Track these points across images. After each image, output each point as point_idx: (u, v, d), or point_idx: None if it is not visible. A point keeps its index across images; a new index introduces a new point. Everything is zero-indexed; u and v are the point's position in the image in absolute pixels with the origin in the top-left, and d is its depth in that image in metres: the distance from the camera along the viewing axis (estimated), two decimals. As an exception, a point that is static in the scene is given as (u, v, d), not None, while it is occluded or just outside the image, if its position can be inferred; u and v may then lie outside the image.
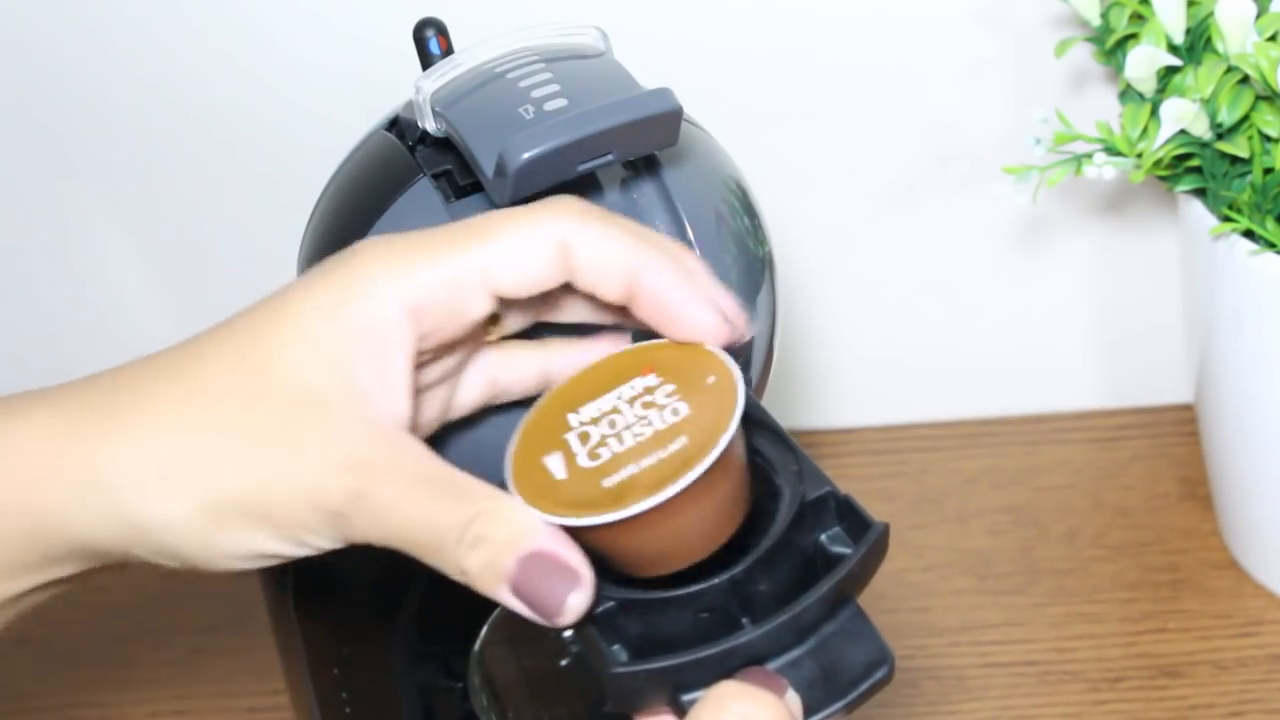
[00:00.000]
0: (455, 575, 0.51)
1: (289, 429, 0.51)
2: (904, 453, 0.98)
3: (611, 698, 0.51)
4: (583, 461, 0.52)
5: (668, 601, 0.51)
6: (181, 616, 0.92)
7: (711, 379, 0.53)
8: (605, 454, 0.52)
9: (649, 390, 0.54)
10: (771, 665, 0.51)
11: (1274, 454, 0.85)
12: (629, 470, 0.52)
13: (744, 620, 0.52)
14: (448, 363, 0.56)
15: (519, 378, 0.58)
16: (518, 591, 0.50)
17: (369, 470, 0.51)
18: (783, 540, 0.52)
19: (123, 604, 0.92)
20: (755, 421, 0.56)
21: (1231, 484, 0.90)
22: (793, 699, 0.50)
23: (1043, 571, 0.91)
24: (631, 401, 0.54)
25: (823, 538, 0.54)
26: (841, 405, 0.99)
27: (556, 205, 0.54)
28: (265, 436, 0.51)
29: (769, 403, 0.66)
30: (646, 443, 0.52)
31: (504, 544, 0.50)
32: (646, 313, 0.54)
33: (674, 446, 0.52)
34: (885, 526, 0.52)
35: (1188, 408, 0.96)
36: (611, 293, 0.54)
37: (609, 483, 0.51)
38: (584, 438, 0.53)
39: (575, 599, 0.50)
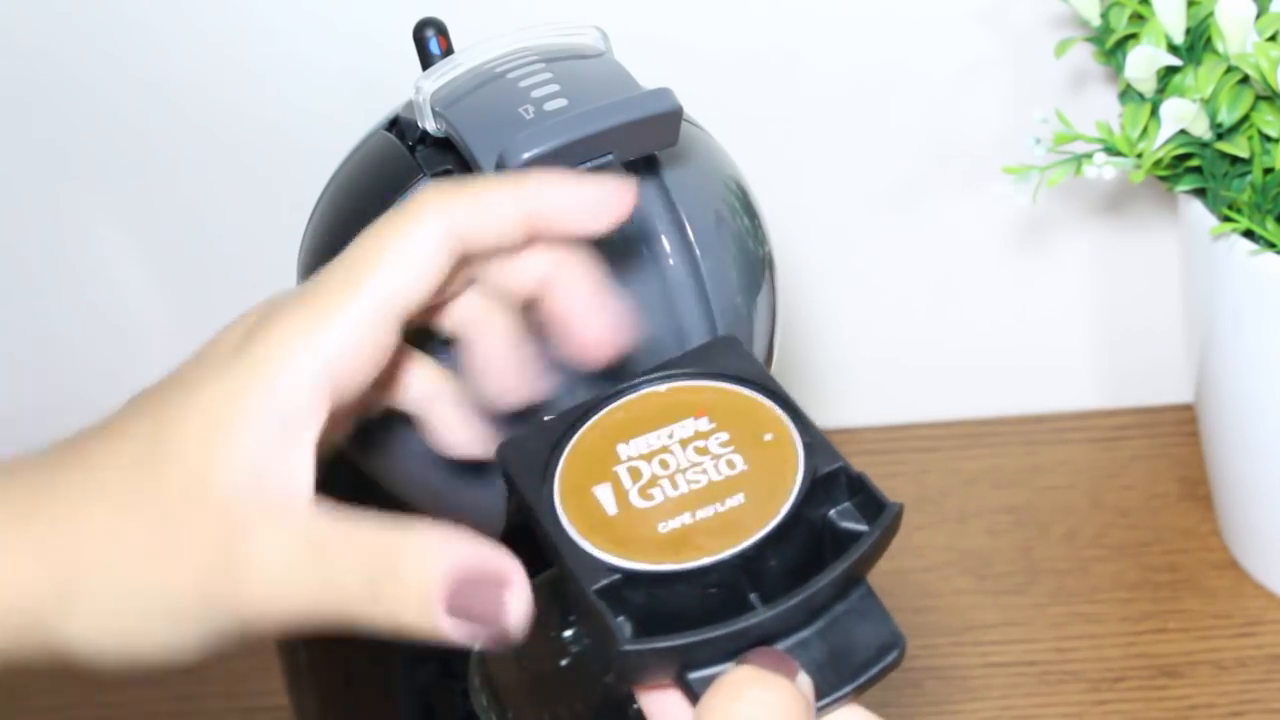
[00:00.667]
0: (393, 630, 0.50)
1: (192, 531, 0.51)
2: (904, 453, 0.98)
3: (616, 673, 0.50)
4: (635, 499, 0.52)
5: (675, 575, 0.51)
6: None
7: (769, 436, 0.53)
8: (658, 496, 0.52)
9: (701, 435, 0.54)
10: (781, 645, 0.51)
11: (1274, 454, 0.85)
12: (684, 519, 0.51)
13: (752, 596, 0.51)
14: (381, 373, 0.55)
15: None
16: (456, 615, 0.49)
17: (267, 565, 0.50)
18: (793, 516, 0.52)
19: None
20: (767, 390, 0.55)
21: (1231, 484, 0.90)
22: (804, 682, 0.49)
23: (1043, 571, 0.91)
24: (684, 444, 0.54)
25: (832, 513, 0.53)
26: (841, 405, 0.99)
27: (428, 198, 0.52)
28: (166, 543, 0.51)
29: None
30: (701, 493, 0.52)
31: (420, 579, 0.49)
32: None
33: (731, 503, 0.52)
34: (900, 507, 0.52)
35: (1188, 408, 0.96)
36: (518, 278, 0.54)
37: (664, 528, 0.51)
38: (634, 473, 0.53)
39: (513, 598, 0.50)
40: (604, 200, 0.53)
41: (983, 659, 0.88)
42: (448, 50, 0.65)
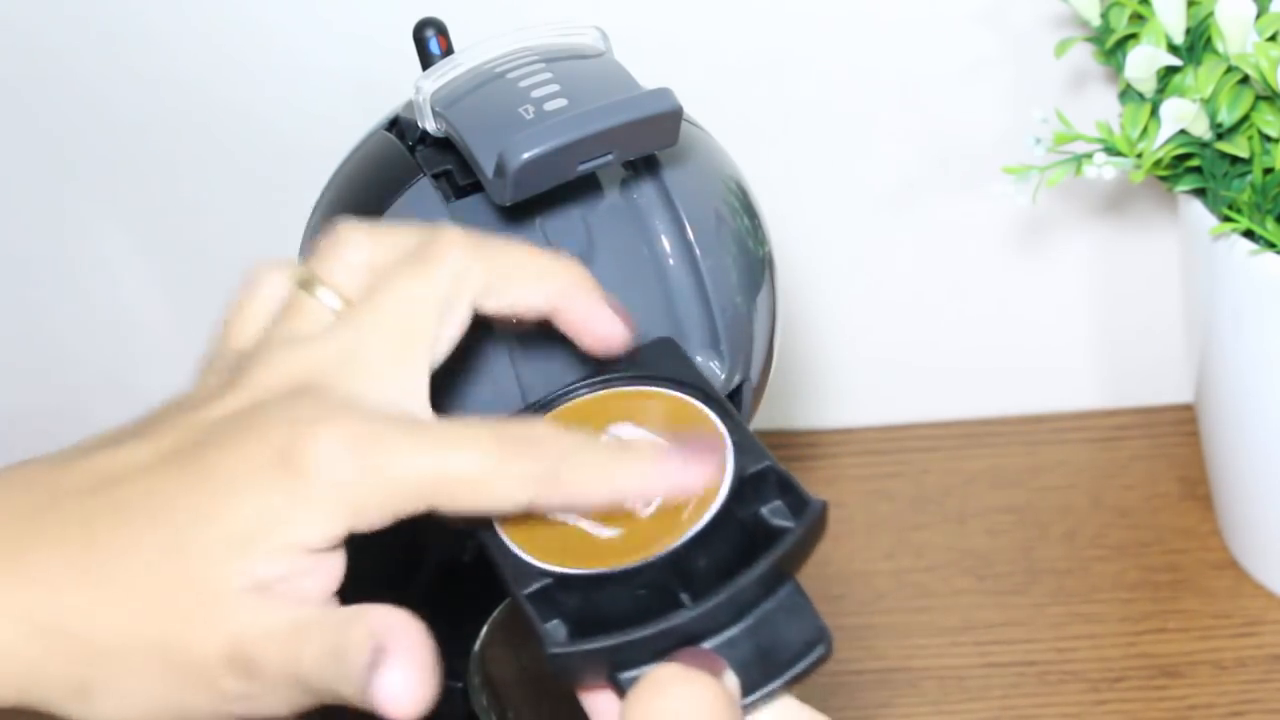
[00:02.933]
0: (361, 704, 0.51)
1: (207, 645, 0.51)
2: (904, 453, 0.98)
3: (551, 675, 0.51)
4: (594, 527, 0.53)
5: (605, 578, 0.52)
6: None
7: (655, 404, 0.55)
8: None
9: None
10: (709, 644, 0.51)
11: (1274, 454, 0.85)
12: (619, 523, 0.52)
13: (683, 595, 0.52)
14: None
15: None
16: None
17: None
18: (721, 515, 0.52)
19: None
20: (698, 391, 0.56)
21: (1231, 484, 0.90)
22: (731, 680, 0.50)
23: (1043, 571, 0.91)
24: None
25: (763, 510, 0.53)
26: (841, 405, 0.99)
27: (467, 277, 0.53)
28: (185, 655, 0.51)
29: (769, 403, 0.66)
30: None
31: (359, 655, 0.50)
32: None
33: (653, 505, 0.52)
34: (823, 504, 0.52)
35: (1188, 408, 0.96)
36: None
37: (602, 534, 0.52)
38: None
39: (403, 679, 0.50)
40: (613, 335, 0.55)
41: (983, 659, 0.88)
42: (448, 50, 0.65)
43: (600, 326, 0.55)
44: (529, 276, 0.54)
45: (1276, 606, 0.89)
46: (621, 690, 0.50)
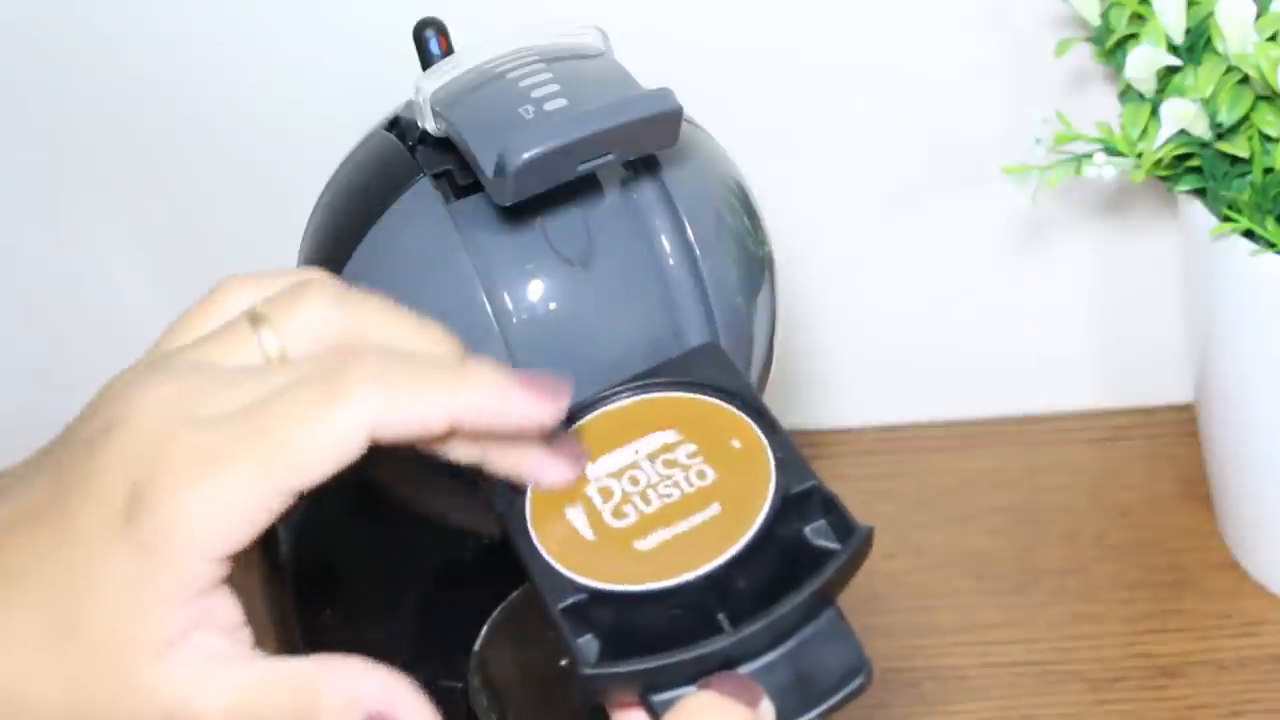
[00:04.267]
0: None
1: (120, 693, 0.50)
2: (904, 453, 0.98)
3: (580, 694, 0.50)
4: (609, 520, 0.52)
5: (642, 596, 0.51)
6: (181, 616, 0.92)
7: (736, 443, 0.54)
8: (632, 514, 0.53)
9: (668, 448, 0.54)
10: (746, 668, 0.50)
11: (1274, 454, 0.85)
12: (660, 535, 0.52)
13: (720, 616, 0.51)
14: None
15: None
16: None
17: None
18: (763, 534, 0.52)
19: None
20: (741, 401, 0.56)
21: (1231, 484, 0.90)
22: (767, 709, 0.49)
23: (1043, 571, 0.91)
24: (651, 458, 0.54)
25: (806, 530, 0.53)
26: (841, 405, 0.99)
27: (361, 390, 0.50)
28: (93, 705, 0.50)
29: (769, 403, 0.66)
30: (675, 506, 0.52)
31: (339, 712, 0.50)
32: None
33: (707, 514, 0.52)
34: (869, 530, 0.52)
35: (1188, 408, 0.96)
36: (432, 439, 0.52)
37: (642, 546, 0.52)
38: (605, 493, 0.53)
39: None
40: (534, 413, 0.51)
41: (983, 659, 0.88)
42: (448, 50, 0.65)
43: (513, 420, 0.51)
44: (428, 405, 0.50)
45: (1276, 606, 0.89)
46: (653, 710, 0.50)
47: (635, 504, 0.53)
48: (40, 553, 0.50)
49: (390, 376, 0.49)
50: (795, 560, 0.52)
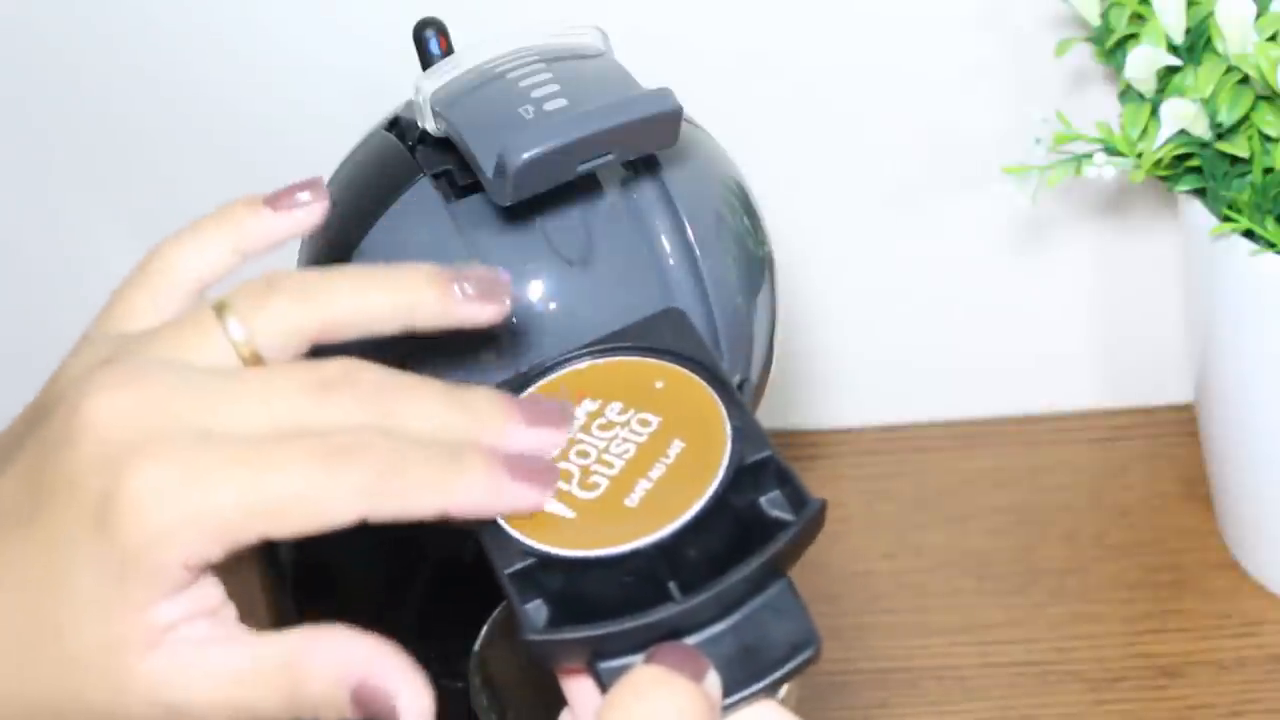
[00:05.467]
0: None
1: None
2: (904, 453, 0.98)
3: (528, 658, 0.50)
4: (583, 495, 0.52)
5: (591, 562, 0.50)
6: (181, 616, 0.92)
7: (660, 383, 0.53)
8: (603, 481, 0.52)
9: (595, 415, 0.53)
10: (694, 639, 0.50)
11: (1274, 454, 0.85)
12: (643, 485, 0.51)
13: (671, 585, 0.50)
14: None
15: None
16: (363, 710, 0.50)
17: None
18: (716, 503, 0.51)
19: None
20: (700, 365, 0.55)
21: (1231, 484, 0.90)
22: (712, 681, 0.49)
23: (1043, 571, 0.91)
24: (586, 430, 0.53)
25: (761, 500, 0.52)
26: (841, 405, 0.99)
27: (354, 475, 0.49)
28: None
29: (769, 403, 0.66)
30: (640, 457, 0.52)
31: (327, 683, 0.50)
32: None
33: (674, 450, 0.52)
34: (822, 503, 0.51)
35: (1188, 408, 0.96)
36: None
37: (632, 501, 0.51)
38: (565, 476, 0.52)
39: (404, 706, 0.50)
40: (526, 502, 0.51)
41: (983, 659, 0.88)
42: (448, 50, 0.65)
43: (504, 509, 0.51)
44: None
45: (1276, 606, 0.89)
46: (600, 678, 0.50)
47: (599, 472, 0.52)
48: (14, 558, 0.50)
49: (390, 474, 0.49)
50: (747, 530, 0.51)
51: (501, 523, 0.51)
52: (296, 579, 0.71)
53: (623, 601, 0.50)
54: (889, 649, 0.88)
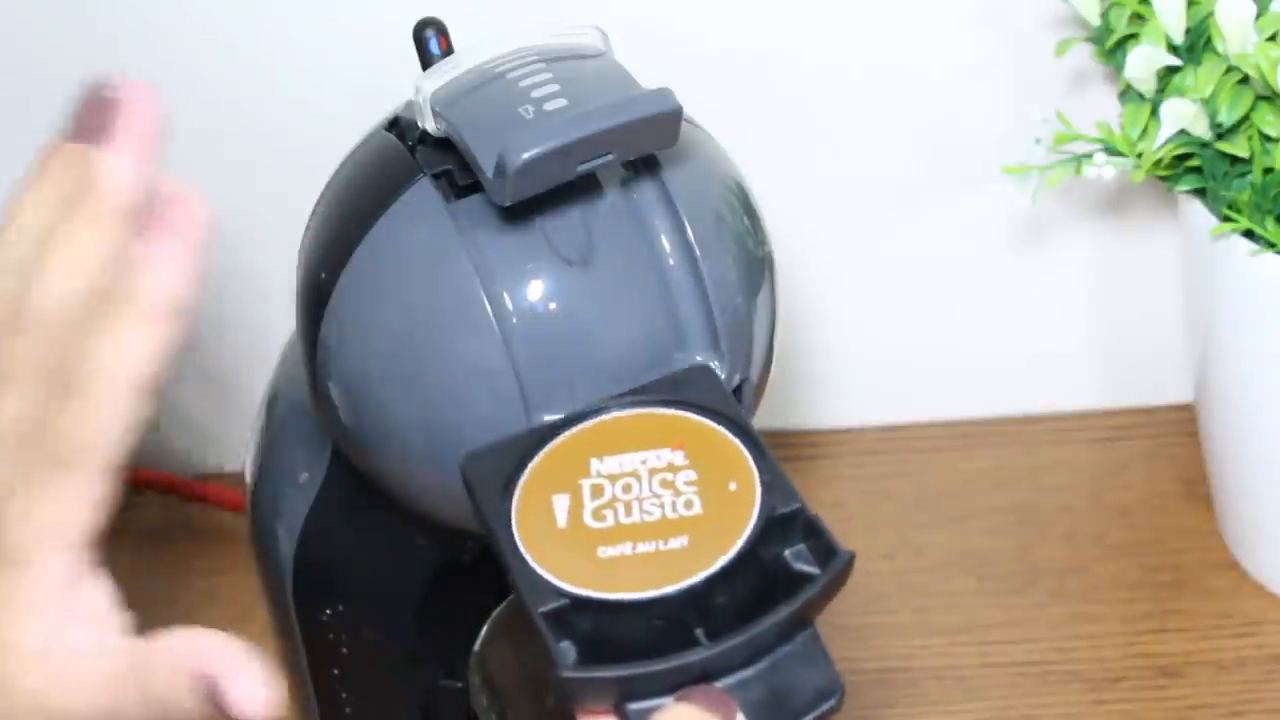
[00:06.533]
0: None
1: None
2: (904, 453, 0.98)
3: (557, 697, 0.51)
4: (587, 518, 0.54)
5: (622, 605, 0.52)
6: (181, 616, 0.91)
7: (733, 485, 0.55)
8: (609, 519, 0.54)
9: (673, 468, 0.55)
10: (721, 683, 0.51)
11: (1274, 454, 0.85)
12: (623, 548, 0.53)
13: (698, 631, 0.52)
14: None
15: None
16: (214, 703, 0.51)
17: None
18: (744, 554, 0.53)
19: (123, 604, 0.92)
20: (737, 426, 0.56)
21: (1231, 484, 0.90)
22: None
23: (1043, 571, 0.91)
24: (652, 473, 0.55)
25: (786, 554, 0.54)
26: (841, 405, 0.99)
27: None
28: None
29: (769, 403, 0.66)
30: (651, 526, 0.54)
31: (171, 681, 0.52)
32: None
33: (673, 544, 0.53)
34: (850, 556, 0.52)
35: (1188, 408, 0.96)
36: None
37: (603, 554, 0.53)
38: (596, 491, 0.54)
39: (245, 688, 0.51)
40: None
41: (983, 659, 0.88)
42: (448, 50, 0.65)
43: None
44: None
45: (1276, 606, 0.89)
46: (626, 717, 0.51)
47: (617, 511, 0.54)
48: None
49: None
50: (774, 581, 0.53)
51: (534, 564, 0.53)
52: (296, 579, 0.71)
53: (650, 645, 0.51)
54: (889, 649, 0.88)
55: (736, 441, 0.56)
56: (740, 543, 0.53)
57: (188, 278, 0.53)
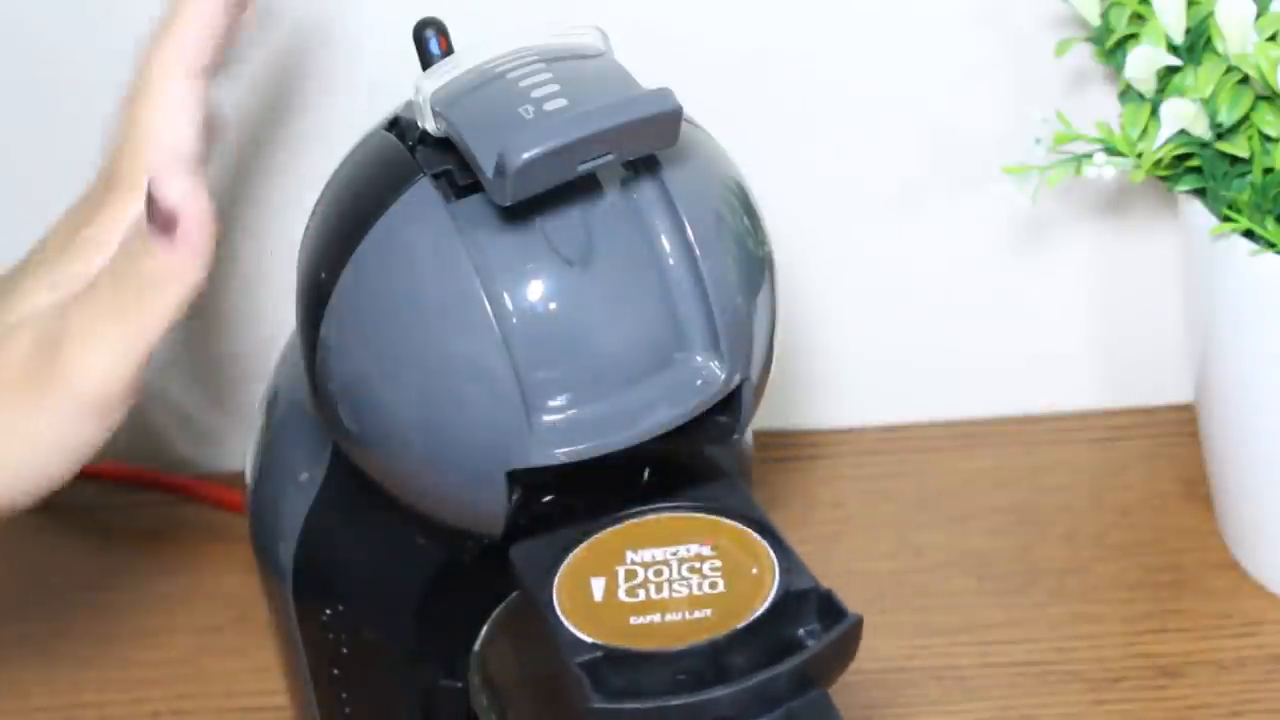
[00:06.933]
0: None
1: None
2: (904, 453, 0.98)
3: None
4: (621, 594, 0.59)
5: (650, 656, 0.57)
6: (181, 616, 0.92)
7: (755, 570, 0.60)
8: (641, 595, 0.59)
9: (700, 559, 0.61)
10: None
11: (1274, 454, 0.85)
12: (653, 618, 0.58)
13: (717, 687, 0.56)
14: None
15: None
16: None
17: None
18: (764, 620, 0.58)
19: (122, 604, 0.92)
20: (758, 524, 0.62)
21: (1231, 484, 0.90)
22: None
23: (1043, 571, 0.91)
24: (682, 562, 0.60)
25: (800, 632, 0.58)
26: (841, 405, 0.99)
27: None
28: None
29: (769, 403, 0.66)
30: (678, 601, 0.59)
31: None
32: None
33: (698, 614, 0.58)
34: (859, 619, 0.57)
35: (1188, 408, 0.96)
36: None
37: (635, 621, 0.58)
38: (630, 574, 0.60)
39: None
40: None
41: (983, 659, 0.88)
42: (448, 50, 0.65)
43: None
44: None
45: (1276, 606, 0.89)
46: None
47: (648, 589, 0.59)
48: None
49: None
50: (788, 649, 0.58)
51: (571, 626, 0.59)
52: (296, 579, 0.71)
53: (672, 692, 0.57)
54: (889, 649, 0.88)
55: (760, 539, 0.61)
56: (759, 611, 0.58)
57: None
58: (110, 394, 0.60)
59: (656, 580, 0.60)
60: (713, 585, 0.59)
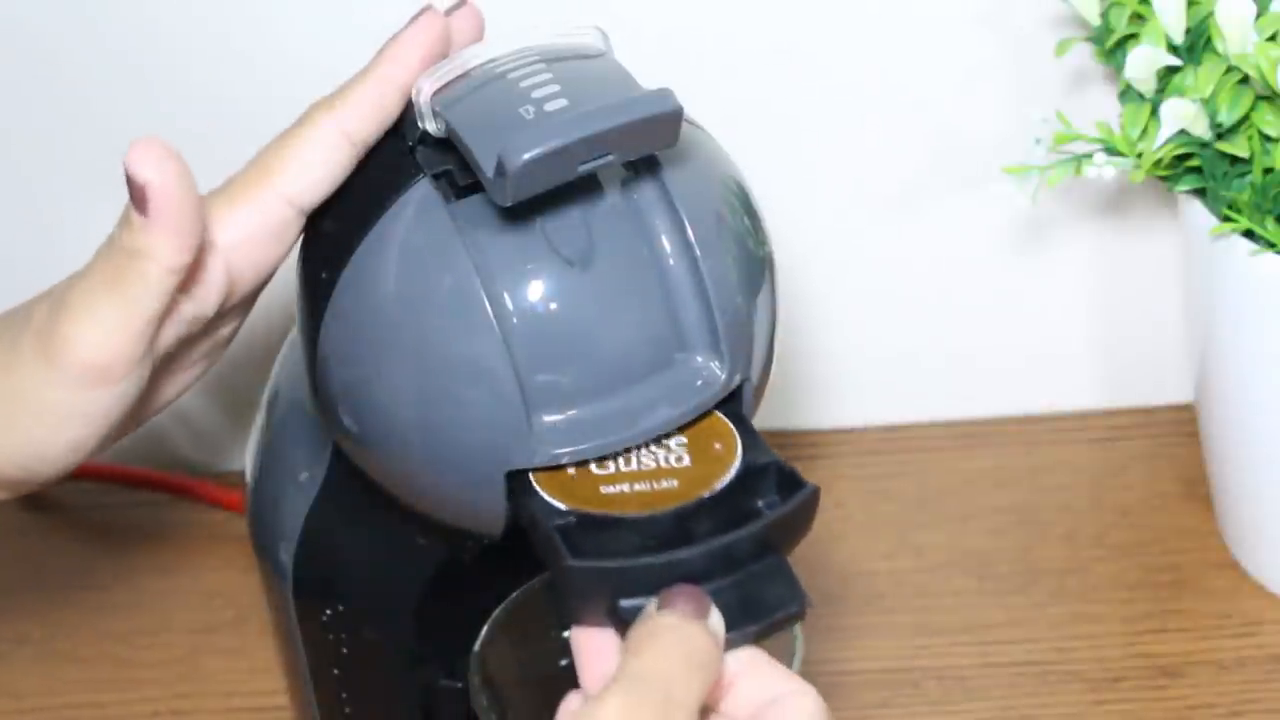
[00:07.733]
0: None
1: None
2: (904, 453, 0.98)
3: (561, 595, 0.59)
4: (592, 466, 0.61)
5: (620, 521, 0.60)
6: (181, 616, 0.92)
7: (719, 446, 0.62)
8: (611, 467, 0.62)
9: (668, 435, 0.62)
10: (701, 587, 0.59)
11: (1274, 454, 0.85)
12: (622, 487, 0.61)
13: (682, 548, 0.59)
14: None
15: None
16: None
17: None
18: (727, 491, 0.61)
19: (122, 603, 0.92)
20: (723, 407, 0.63)
21: (1231, 484, 0.90)
22: (716, 619, 0.58)
23: (1043, 571, 0.91)
24: (650, 442, 0.63)
25: (760, 504, 0.61)
26: (842, 405, 0.99)
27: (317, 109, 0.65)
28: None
29: (769, 403, 0.66)
30: (645, 473, 0.61)
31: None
32: None
33: (663, 485, 0.61)
34: (815, 488, 0.60)
35: (1188, 408, 0.96)
36: None
37: (606, 490, 0.61)
38: (602, 467, 0.62)
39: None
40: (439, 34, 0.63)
41: (983, 659, 0.88)
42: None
43: None
44: None
45: (1276, 606, 0.89)
46: (621, 615, 0.58)
47: (618, 462, 0.62)
48: None
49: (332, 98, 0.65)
50: (749, 517, 0.60)
51: (546, 495, 0.61)
52: (297, 579, 0.71)
53: (642, 553, 0.59)
54: (889, 649, 0.88)
55: (727, 420, 0.63)
56: (722, 484, 0.61)
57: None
58: (107, 361, 0.60)
59: (625, 456, 0.62)
60: (679, 459, 0.62)
